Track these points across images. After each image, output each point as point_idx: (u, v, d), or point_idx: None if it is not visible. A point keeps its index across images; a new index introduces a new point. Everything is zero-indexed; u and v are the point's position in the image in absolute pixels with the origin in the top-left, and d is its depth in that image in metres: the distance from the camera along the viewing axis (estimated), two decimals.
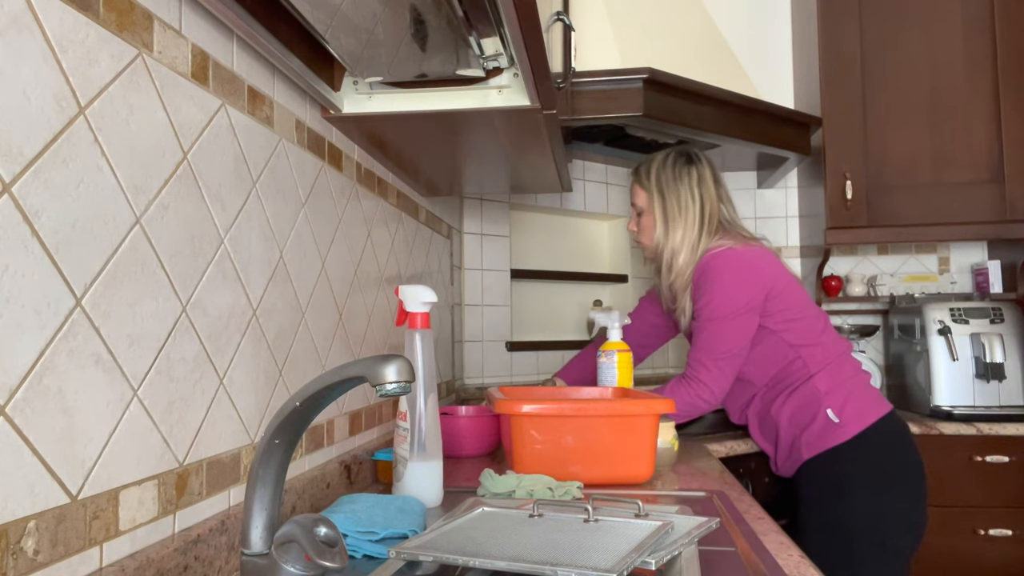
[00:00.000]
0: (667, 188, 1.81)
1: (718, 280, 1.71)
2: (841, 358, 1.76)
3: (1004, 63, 2.48)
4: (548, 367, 2.62)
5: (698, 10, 2.63)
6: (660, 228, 1.81)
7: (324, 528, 0.67)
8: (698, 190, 1.80)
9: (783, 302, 1.74)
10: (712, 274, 1.73)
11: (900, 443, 1.72)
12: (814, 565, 0.94)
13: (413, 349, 1.22)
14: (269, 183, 1.04)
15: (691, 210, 1.79)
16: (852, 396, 1.71)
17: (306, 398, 0.65)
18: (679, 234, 1.78)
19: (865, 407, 1.70)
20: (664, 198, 1.81)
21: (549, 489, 1.25)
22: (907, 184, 2.55)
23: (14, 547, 0.58)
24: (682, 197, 1.80)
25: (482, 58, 1.13)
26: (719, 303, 1.71)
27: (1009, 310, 2.45)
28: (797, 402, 1.74)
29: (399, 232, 1.68)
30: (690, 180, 1.80)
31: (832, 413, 1.69)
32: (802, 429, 1.73)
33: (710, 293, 1.72)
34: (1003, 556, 2.23)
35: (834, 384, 1.72)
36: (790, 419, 1.75)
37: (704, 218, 1.79)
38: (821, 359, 1.73)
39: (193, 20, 0.85)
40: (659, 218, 1.81)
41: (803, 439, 1.73)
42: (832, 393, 1.71)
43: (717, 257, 1.73)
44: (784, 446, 1.79)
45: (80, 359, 0.66)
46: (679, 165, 1.82)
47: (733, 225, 1.84)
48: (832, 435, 1.69)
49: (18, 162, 0.60)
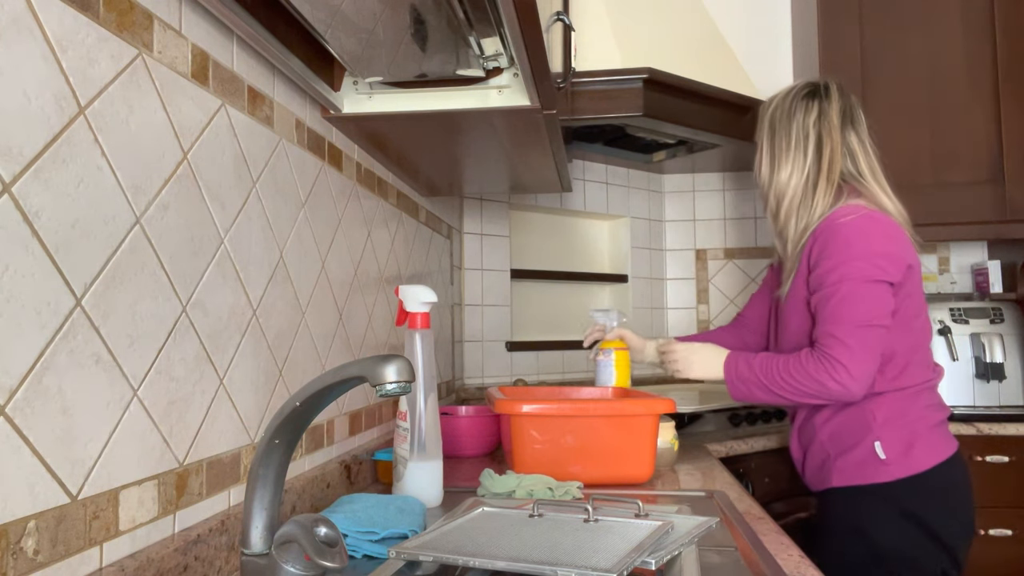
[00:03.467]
0: (779, 122, 1.56)
1: (857, 240, 1.41)
2: (920, 390, 1.47)
3: (1004, 63, 2.48)
4: (548, 367, 2.62)
5: (698, 10, 2.63)
6: (766, 167, 1.57)
7: (324, 528, 0.67)
8: (815, 128, 1.52)
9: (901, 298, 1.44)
10: (847, 232, 1.42)
11: (951, 495, 1.45)
12: (814, 565, 0.95)
13: (413, 349, 1.22)
14: (269, 183, 1.04)
15: (802, 149, 1.51)
16: (913, 435, 1.44)
17: (306, 398, 0.65)
18: (784, 174, 1.52)
19: (921, 451, 1.43)
20: (774, 132, 1.56)
21: (549, 489, 1.25)
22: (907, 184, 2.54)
23: (14, 547, 0.58)
24: (793, 132, 1.53)
25: (482, 58, 1.13)
26: (858, 265, 1.39)
27: (1009, 310, 2.45)
28: (843, 420, 1.48)
29: (399, 232, 1.68)
30: (806, 115, 1.53)
31: (880, 448, 1.43)
32: (840, 453, 1.48)
33: (845, 252, 1.41)
34: (1003, 556, 2.23)
35: (896, 415, 1.45)
36: (831, 436, 1.49)
37: (822, 161, 1.50)
38: (893, 379, 1.45)
39: (193, 20, 0.85)
40: (766, 154, 1.57)
41: (837, 464, 1.48)
42: (889, 425, 1.44)
43: (853, 215, 1.44)
44: (814, 460, 1.55)
45: (80, 359, 0.66)
46: (799, 98, 1.56)
47: (862, 181, 1.52)
48: (872, 471, 1.44)
49: (18, 162, 0.60)
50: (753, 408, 2.18)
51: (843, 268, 1.40)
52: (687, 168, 2.91)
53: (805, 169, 1.51)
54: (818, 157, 1.51)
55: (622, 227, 2.94)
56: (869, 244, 1.41)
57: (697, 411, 2.10)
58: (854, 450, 1.46)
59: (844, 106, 1.55)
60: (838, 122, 1.52)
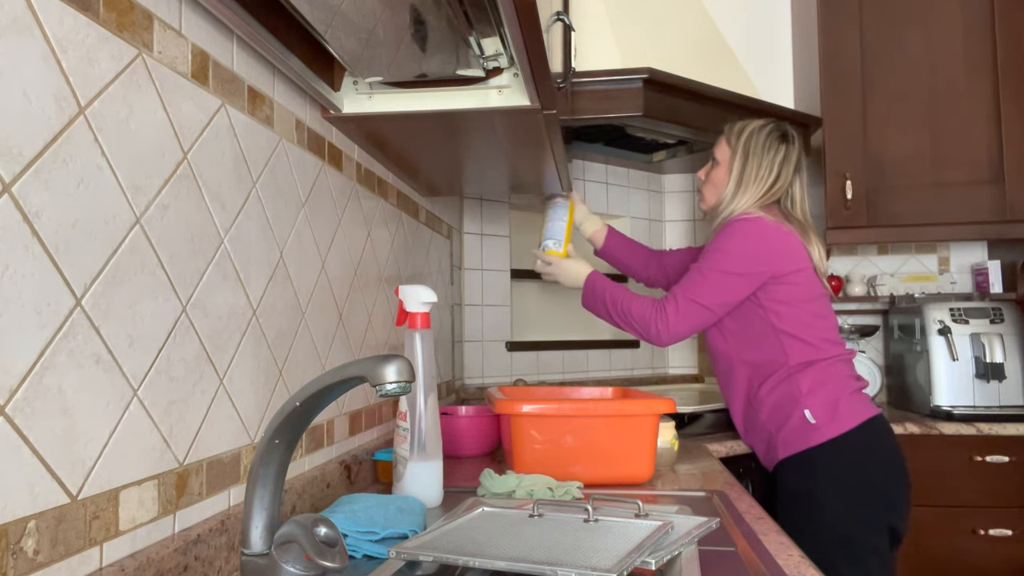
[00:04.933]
0: (752, 153, 1.81)
1: (732, 238, 1.72)
2: (833, 362, 1.73)
3: (1004, 63, 2.48)
4: (548, 367, 2.62)
5: (698, 10, 2.63)
6: (731, 187, 1.81)
7: (324, 528, 0.67)
8: (779, 167, 1.80)
9: (788, 290, 1.72)
10: (729, 231, 1.73)
11: (877, 447, 1.69)
12: (814, 565, 0.95)
13: (413, 349, 1.22)
14: (269, 183, 1.04)
15: (765, 182, 1.79)
16: (835, 400, 1.68)
17: (306, 398, 0.65)
18: (745, 199, 1.78)
19: (845, 412, 1.67)
20: (746, 161, 1.81)
21: (549, 489, 1.25)
22: (907, 184, 2.55)
23: (14, 547, 0.58)
24: (763, 167, 1.80)
25: (482, 58, 1.13)
26: (720, 257, 1.71)
27: (1009, 310, 2.44)
28: (778, 397, 1.73)
29: (399, 232, 1.68)
30: (776, 154, 1.80)
31: (809, 414, 1.68)
32: (779, 427, 1.72)
33: (717, 245, 1.73)
34: (1003, 556, 2.23)
35: (818, 386, 1.69)
36: (769, 415, 1.74)
37: (770, 192, 1.79)
38: (805, 355, 1.71)
39: (193, 20, 0.85)
40: (734, 178, 1.82)
41: (779, 437, 1.72)
42: (813, 394, 1.69)
43: (743, 220, 1.73)
44: (762, 442, 1.79)
45: (80, 359, 0.66)
46: (773, 137, 1.82)
47: (788, 213, 1.82)
48: (806, 436, 1.68)
49: (18, 162, 0.60)
50: None
51: (713, 254, 1.73)
52: (687, 168, 2.91)
53: (760, 195, 1.79)
54: (770, 189, 1.79)
55: (622, 227, 2.93)
56: (742, 244, 1.71)
57: (697, 411, 2.10)
58: (788, 421, 1.70)
59: (799, 157, 1.84)
60: (793, 169, 1.82)
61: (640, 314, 1.76)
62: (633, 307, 1.77)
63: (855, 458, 1.65)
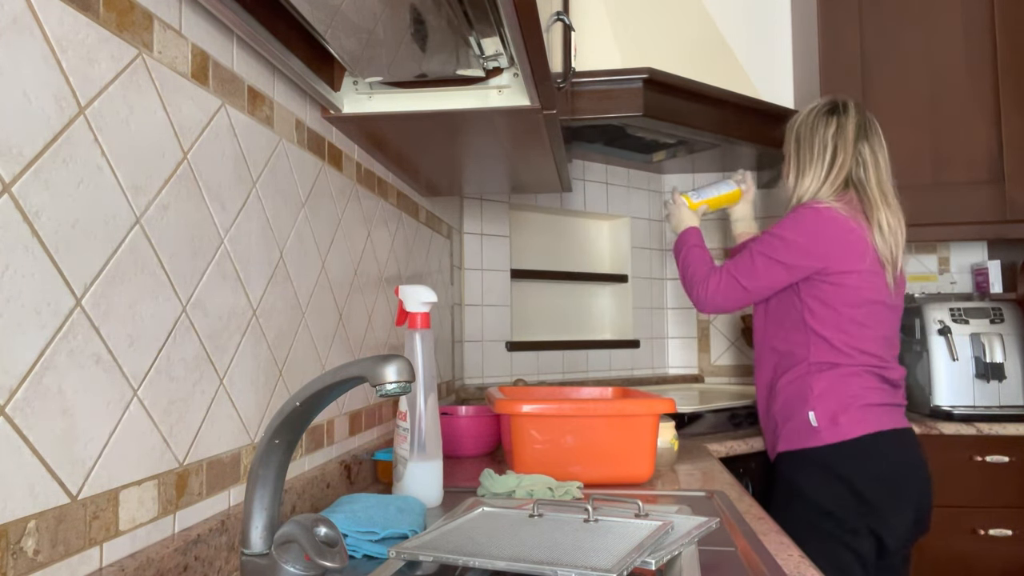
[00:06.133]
0: (803, 137, 1.82)
1: (788, 226, 1.73)
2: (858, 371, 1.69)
3: (1004, 63, 2.48)
4: (548, 367, 2.62)
5: (698, 10, 2.63)
6: (792, 175, 1.84)
7: (324, 528, 0.67)
8: (832, 140, 1.78)
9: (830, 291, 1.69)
10: (790, 218, 1.74)
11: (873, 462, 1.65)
12: (814, 565, 0.95)
13: (413, 349, 1.22)
14: (269, 183, 1.04)
15: (823, 159, 1.78)
16: (842, 408, 1.66)
17: (306, 398, 0.65)
18: (807, 181, 1.78)
19: (848, 422, 1.66)
20: (800, 146, 1.83)
21: (549, 489, 1.25)
22: (907, 184, 2.54)
23: (14, 547, 0.58)
24: (816, 145, 1.79)
25: (482, 58, 1.13)
26: (771, 242, 1.73)
27: (1009, 310, 2.44)
28: (792, 392, 1.73)
29: (399, 232, 1.68)
30: (827, 129, 1.79)
31: (813, 416, 1.68)
32: (784, 421, 1.74)
33: (775, 229, 1.75)
34: (1003, 556, 2.23)
35: (829, 390, 1.68)
36: (780, 407, 1.76)
37: (833, 167, 1.76)
38: (828, 357, 1.68)
39: (193, 20, 0.85)
40: (792, 165, 1.85)
41: (782, 431, 1.74)
42: (823, 398, 1.68)
43: (808, 209, 1.73)
44: (769, 431, 1.82)
45: (80, 359, 0.66)
46: (820, 114, 1.82)
47: (867, 187, 1.76)
48: (806, 437, 1.69)
49: (18, 162, 0.60)
50: (753, 408, 2.18)
51: (767, 238, 1.76)
52: (687, 168, 2.91)
53: (822, 175, 1.77)
54: (832, 164, 1.77)
55: (622, 227, 2.94)
56: (796, 233, 1.71)
57: (697, 411, 2.10)
58: (793, 418, 1.73)
59: (860, 121, 1.80)
60: (853, 136, 1.77)
61: (693, 277, 1.84)
62: (694, 269, 1.85)
63: (846, 469, 1.65)
